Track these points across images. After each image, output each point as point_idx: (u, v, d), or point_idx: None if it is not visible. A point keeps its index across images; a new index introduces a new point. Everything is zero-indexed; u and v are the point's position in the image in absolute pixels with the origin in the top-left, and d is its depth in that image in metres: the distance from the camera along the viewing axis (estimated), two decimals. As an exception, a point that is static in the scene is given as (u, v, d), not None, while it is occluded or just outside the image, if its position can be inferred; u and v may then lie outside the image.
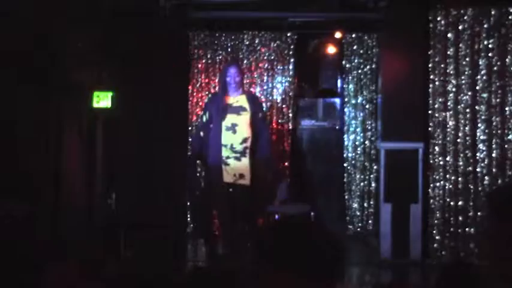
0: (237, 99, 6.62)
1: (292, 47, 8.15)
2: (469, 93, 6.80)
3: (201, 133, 6.70)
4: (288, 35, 8.15)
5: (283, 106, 8.18)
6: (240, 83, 6.67)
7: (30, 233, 5.69)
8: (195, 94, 8.00)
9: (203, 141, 6.65)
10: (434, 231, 6.88)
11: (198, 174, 7.43)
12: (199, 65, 8.10)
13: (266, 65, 8.13)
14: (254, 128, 6.58)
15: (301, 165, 8.43)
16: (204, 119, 6.67)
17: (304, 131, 8.57)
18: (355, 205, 8.33)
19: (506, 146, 6.75)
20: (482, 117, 6.79)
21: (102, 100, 6.78)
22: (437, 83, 6.89)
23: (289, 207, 7.35)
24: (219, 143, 6.49)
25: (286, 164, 8.14)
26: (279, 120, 8.16)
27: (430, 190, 6.89)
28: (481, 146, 6.78)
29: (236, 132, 6.51)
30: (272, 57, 8.14)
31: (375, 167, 8.05)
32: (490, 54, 6.78)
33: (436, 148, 6.89)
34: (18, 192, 6.20)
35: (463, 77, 6.83)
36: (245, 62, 8.08)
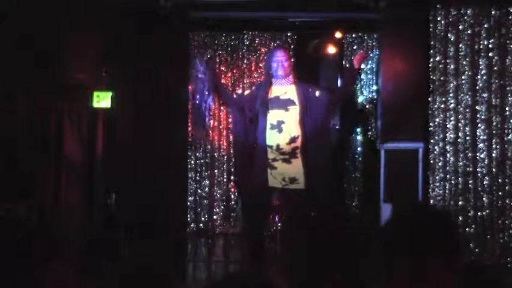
0: (284, 90, 5.74)
1: (292, 47, 8.15)
2: (469, 93, 6.80)
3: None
4: (288, 35, 8.14)
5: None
6: (289, 69, 5.78)
7: (30, 233, 5.69)
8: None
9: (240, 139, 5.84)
10: (434, 231, 6.86)
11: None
12: (199, 65, 8.08)
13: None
14: (304, 126, 5.64)
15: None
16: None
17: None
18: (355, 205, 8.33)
19: (506, 146, 6.75)
20: (482, 117, 6.78)
21: (102, 100, 6.78)
22: (437, 83, 6.89)
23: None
24: (262, 144, 5.62)
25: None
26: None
27: (430, 190, 6.89)
28: (481, 146, 6.78)
29: (282, 130, 5.60)
30: (272, 57, 8.12)
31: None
32: (490, 54, 6.78)
33: (436, 148, 6.89)
34: (18, 192, 6.21)
35: (463, 77, 6.82)
36: (245, 62, 8.07)
